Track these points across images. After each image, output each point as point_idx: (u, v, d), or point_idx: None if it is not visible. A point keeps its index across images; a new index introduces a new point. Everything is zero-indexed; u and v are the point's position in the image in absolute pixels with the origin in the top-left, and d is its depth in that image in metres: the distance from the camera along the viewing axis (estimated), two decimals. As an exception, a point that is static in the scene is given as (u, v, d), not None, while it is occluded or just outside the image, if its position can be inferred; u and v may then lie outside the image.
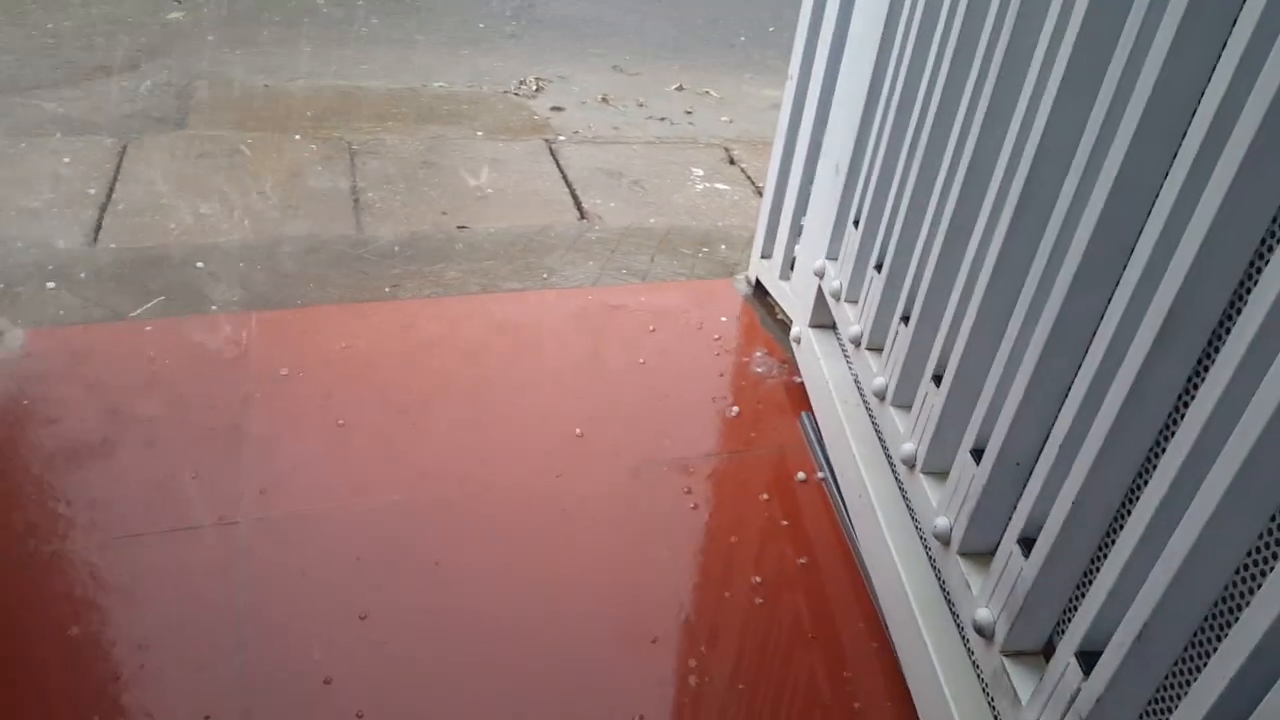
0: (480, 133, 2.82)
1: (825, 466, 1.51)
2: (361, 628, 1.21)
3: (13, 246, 2.01)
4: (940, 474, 1.19)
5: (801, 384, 1.69)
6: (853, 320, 1.48)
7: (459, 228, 2.31)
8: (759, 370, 1.76)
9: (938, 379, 1.19)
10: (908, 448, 1.21)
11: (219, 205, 2.26)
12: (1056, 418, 0.95)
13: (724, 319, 1.91)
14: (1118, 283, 0.87)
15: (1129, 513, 0.87)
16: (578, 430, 1.57)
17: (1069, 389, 0.94)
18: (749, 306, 1.96)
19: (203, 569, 1.27)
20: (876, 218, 1.44)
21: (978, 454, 1.07)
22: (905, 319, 1.30)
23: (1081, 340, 0.94)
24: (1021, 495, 0.99)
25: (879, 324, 1.40)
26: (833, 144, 1.65)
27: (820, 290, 1.64)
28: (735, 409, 1.65)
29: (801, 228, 1.85)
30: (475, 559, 1.32)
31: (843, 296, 1.53)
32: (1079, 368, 0.92)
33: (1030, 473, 0.98)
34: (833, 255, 1.62)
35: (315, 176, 2.44)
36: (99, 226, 2.13)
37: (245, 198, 2.31)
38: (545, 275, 2.08)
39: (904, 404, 1.30)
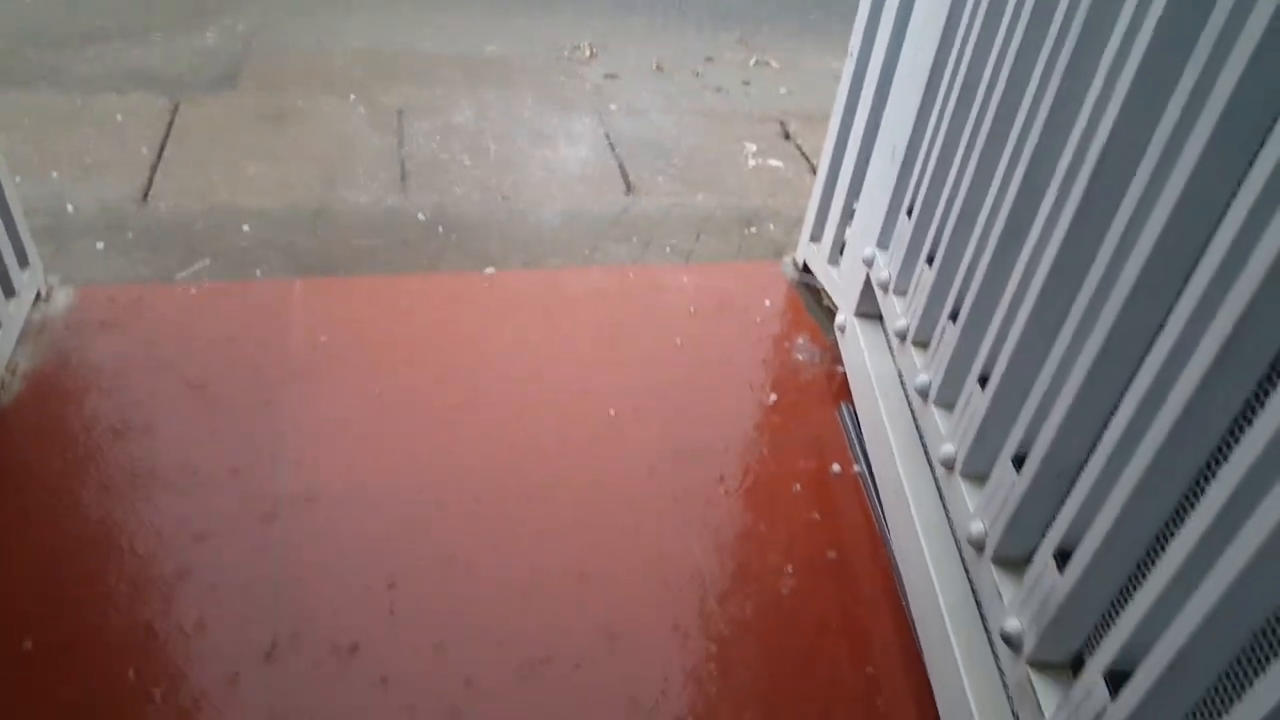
0: (531, 100, 2.81)
1: (862, 460, 1.50)
2: (389, 594, 1.24)
3: (65, 204, 2.07)
4: (979, 478, 1.17)
5: (843, 374, 1.67)
6: (900, 313, 1.46)
7: (503, 198, 2.31)
8: (800, 358, 1.74)
9: (983, 381, 1.17)
10: (948, 449, 1.20)
11: (267, 168, 2.30)
12: (1104, 431, 0.93)
13: (768, 303, 1.90)
14: (1178, 296, 0.84)
15: (1173, 534, 0.85)
16: (611, 411, 1.58)
17: (1119, 402, 0.92)
18: (794, 291, 1.94)
19: (239, 531, 1.31)
20: (931, 208, 1.41)
21: (1019, 461, 1.05)
22: (954, 316, 1.28)
23: (1136, 353, 0.92)
24: (1061, 507, 0.97)
25: (927, 319, 1.38)
26: (890, 127, 1.61)
27: (868, 279, 1.62)
28: (773, 396, 1.64)
29: (854, 212, 1.82)
30: (502, 535, 1.34)
31: (891, 288, 1.51)
32: (1131, 381, 0.90)
33: (1072, 485, 0.97)
34: (883, 244, 1.59)
35: (363, 141, 2.46)
36: (149, 186, 2.17)
37: (293, 161, 2.34)
38: (588, 251, 2.08)
39: (947, 404, 1.28)
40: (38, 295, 1.71)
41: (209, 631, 1.18)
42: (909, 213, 1.48)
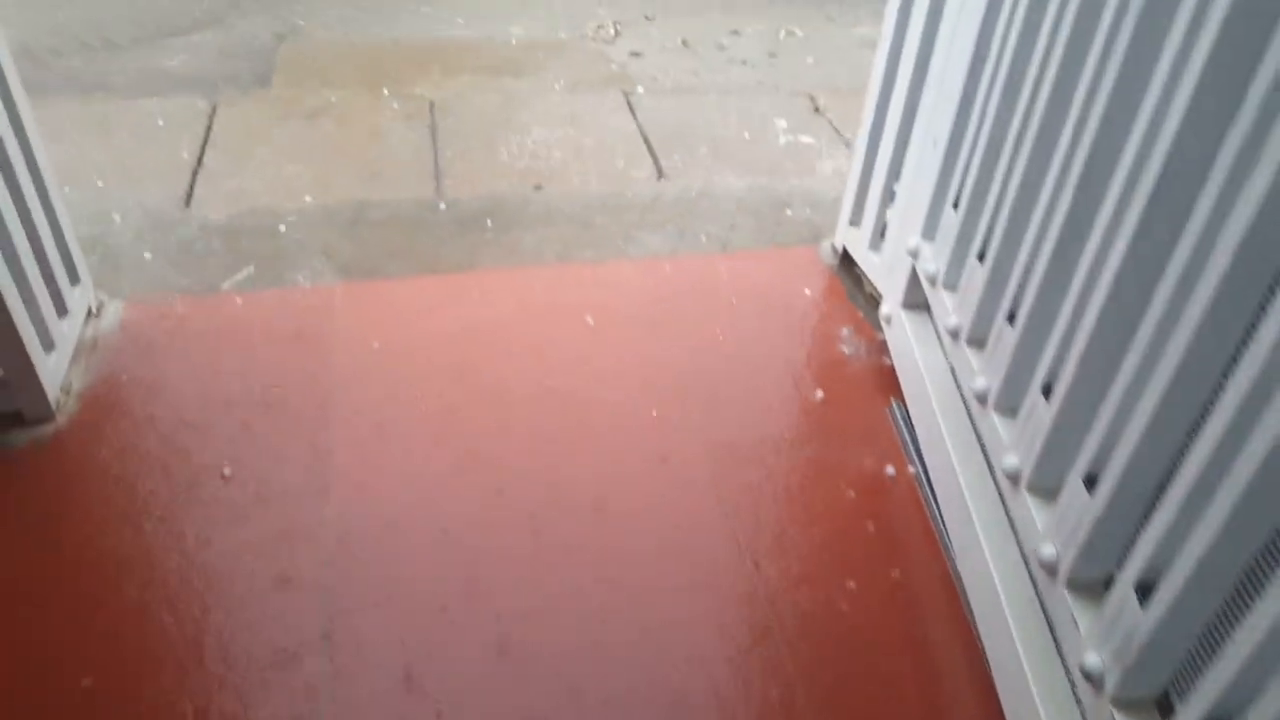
0: (558, 85, 2.70)
1: (917, 461, 1.42)
2: (442, 615, 1.19)
3: (112, 214, 2.02)
4: (1049, 493, 1.09)
5: (891, 367, 1.59)
6: (951, 310, 1.37)
7: (535, 188, 2.22)
8: (846, 350, 1.66)
9: (1048, 391, 1.08)
10: (1012, 461, 1.12)
11: (304, 167, 2.22)
12: (1188, 453, 0.84)
13: (808, 291, 1.80)
14: (1265, 306, 0.74)
15: (1275, 570, 0.77)
16: (654, 412, 1.51)
17: (1206, 417, 0.82)
18: (835, 278, 1.84)
19: (299, 554, 1.27)
20: (979, 202, 1.31)
21: (1091, 482, 0.97)
22: (1011, 318, 1.18)
23: (1221, 364, 0.83)
24: (1140, 536, 0.89)
25: (981, 318, 1.28)
26: (930, 114, 1.50)
27: (914, 270, 1.52)
28: (820, 393, 1.56)
29: (894, 193, 1.71)
30: (556, 549, 1.29)
31: (939, 282, 1.41)
32: (1219, 397, 0.80)
33: (1151, 510, 0.88)
34: (929, 235, 1.49)
35: (397, 136, 2.38)
36: (191, 191, 2.11)
37: (329, 159, 2.26)
38: (622, 242, 2.00)
39: (1008, 411, 1.19)
40: (89, 311, 1.66)
41: (268, 666, 1.14)
42: (955, 205, 1.38)
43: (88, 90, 2.55)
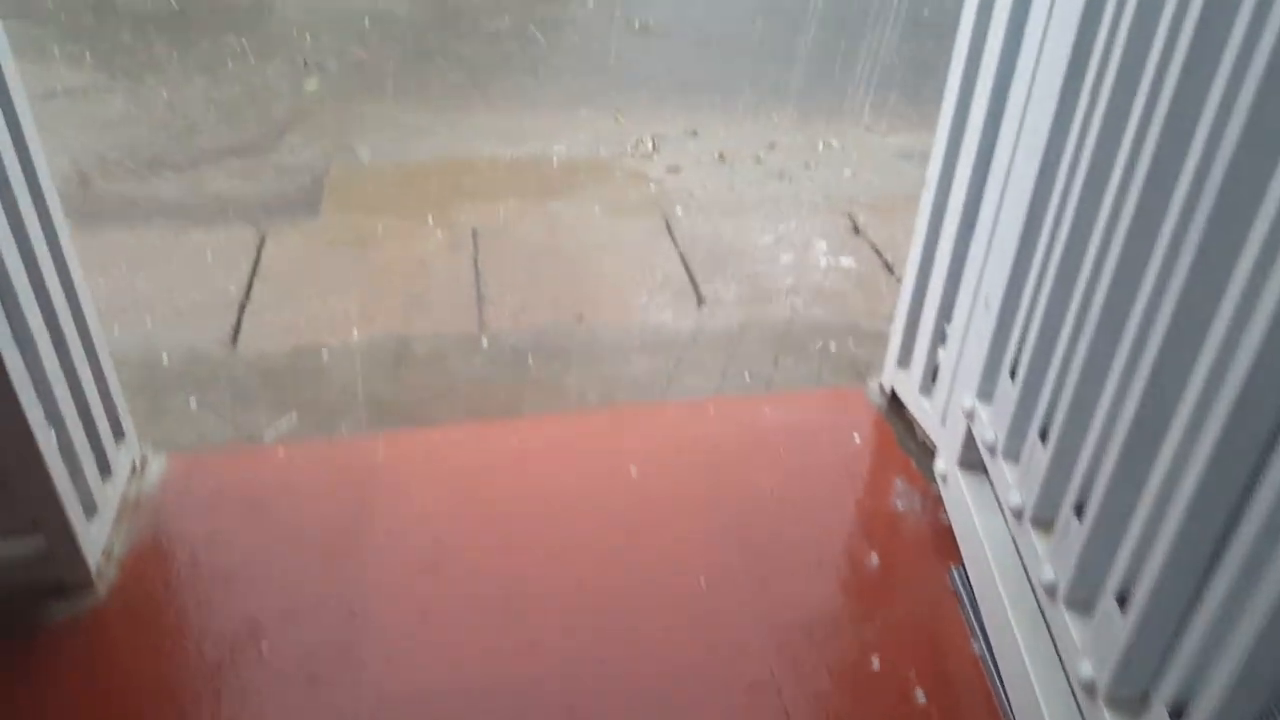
0: (598, 208, 2.72)
1: (981, 639, 1.34)
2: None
3: (160, 354, 2.04)
4: (1134, 704, 1.00)
5: (948, 524, 1.51)
6: (1012, 484, 1.30)
7: (577, 319, 2.22)
8: (899, 505, 1.59)
9: (1123, 599, 1.00)
10: (1088, 671, 1.03)
11: (349, 300, 2.24)
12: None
13: (857, 437, 1.75)
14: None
15: None
16: (702, 580, 1.45)
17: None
18: (884, 422, 1.79)
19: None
20: (1039, 375, 1.25)
21: (1179, 712, 0.89)
22: (1079, 510, 1.11)
23: None
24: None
25: (1045, 502, 1.21)
26: (980, 266, 1.45)
27: (970, 430, 1.46)
28: (874, 557, 1.49)
29: (945, 335, 1.66)
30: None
31: (999, 451, 1.35)
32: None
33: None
34: (985, 396, 1.43)
35: (441, 264, 2.40)
36: (238, 329, 2.14)
37: (374, 291, 2.28)
38: (665, 382, 1.97)
39: (1082, 608, 1.11)
40: (132, 467, 1.66)
41: None
42: (1012, 374, 1.32)
43: (139, 216, 2.62)
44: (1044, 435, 1.22)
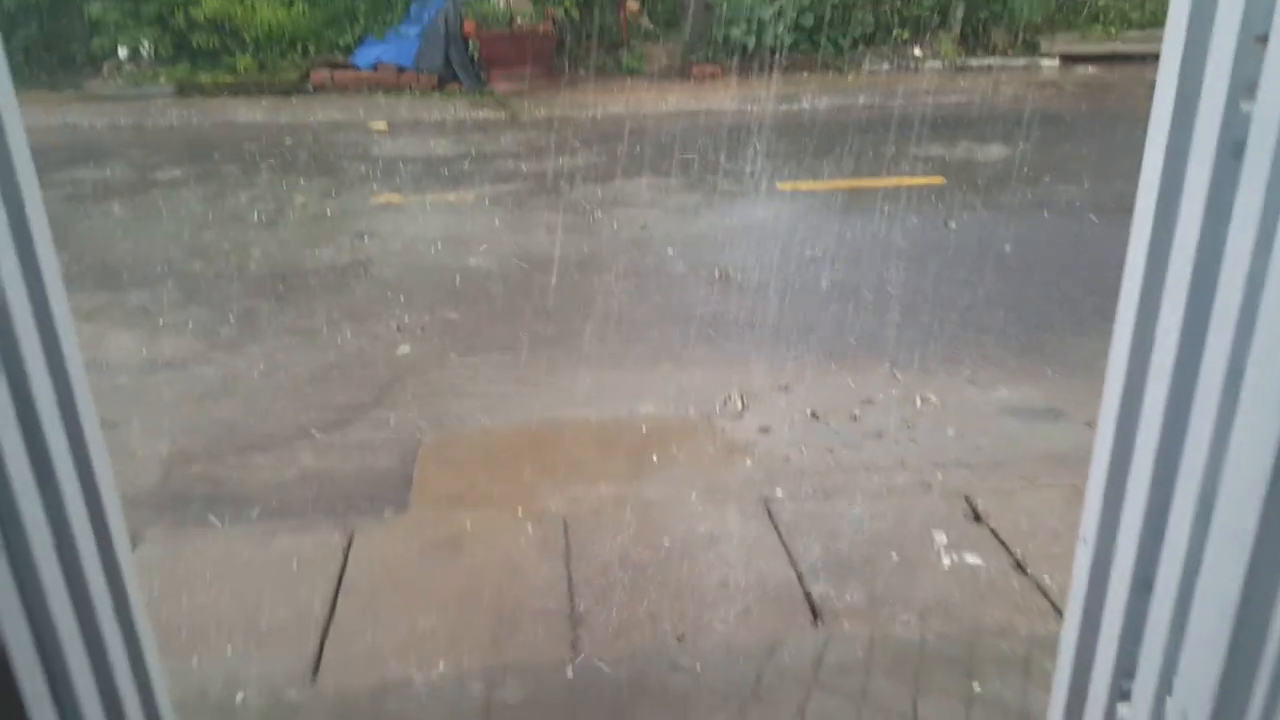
0: (694, 494, 2.56)
1: None
2: None
3: (236, 692, 1.89)
4: None
5: None
6: None
7: (678, 640, 2.00)
8: None
9: None
10: None
11: (436, 619, 2.08)
12: None
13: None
14: None
15: None
16: None
17: None
18: (1059, 814, 1.49)
19: None
20: None
21: None
22: None
23: None
24: None
25: None
26: (1163, 652, 1.21)
27: None
28: None
29: (1126, 691, 1.39)
30: None
31: None
32: None
33: None
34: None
35: (532, 571, 2.23)
36: (320, 657, 1.98)
37: (463, 607, 2.12)
38: (789, 740, 1.72)
39: None
40: None
41: None
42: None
43: (226, 504, 2.55)
44: None
